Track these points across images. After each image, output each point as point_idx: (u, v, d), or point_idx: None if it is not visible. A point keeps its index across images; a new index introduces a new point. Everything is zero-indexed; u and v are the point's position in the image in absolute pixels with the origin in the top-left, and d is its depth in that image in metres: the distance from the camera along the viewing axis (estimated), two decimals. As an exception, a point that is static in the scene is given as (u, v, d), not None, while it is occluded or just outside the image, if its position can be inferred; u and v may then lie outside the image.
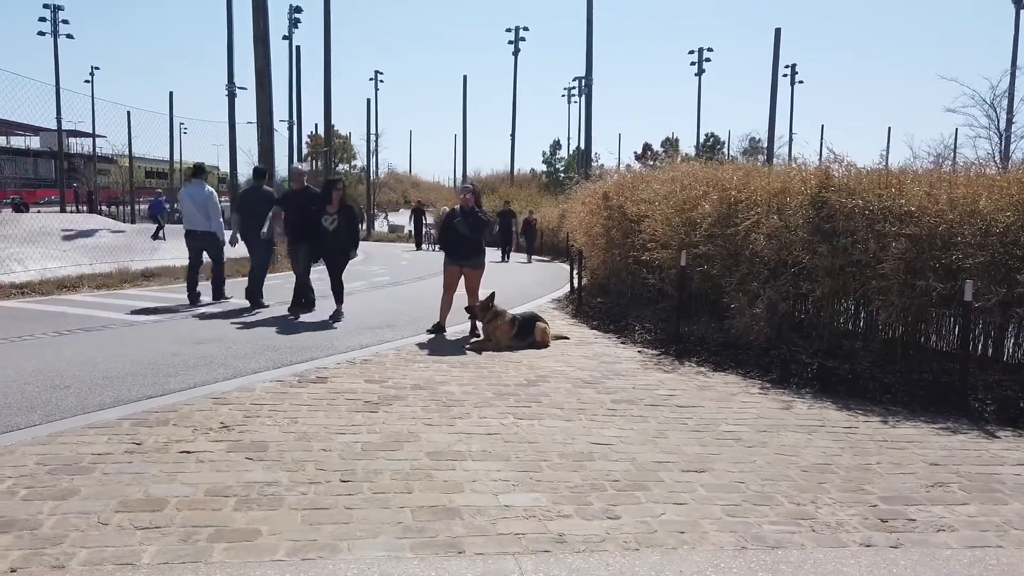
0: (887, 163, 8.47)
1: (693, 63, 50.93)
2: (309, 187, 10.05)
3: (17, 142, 56.62)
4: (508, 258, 23.77)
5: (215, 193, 11.12)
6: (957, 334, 6.61)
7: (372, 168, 53.37)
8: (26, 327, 8.39)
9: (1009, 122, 31.00)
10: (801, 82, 54.85)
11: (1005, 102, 31.15)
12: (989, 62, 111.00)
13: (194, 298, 10.79)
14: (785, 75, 49.19)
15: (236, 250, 11.48)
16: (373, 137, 51.08)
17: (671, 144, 57.50)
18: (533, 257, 24.97)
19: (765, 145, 39.91)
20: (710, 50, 50.73)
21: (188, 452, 4.19)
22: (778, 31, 31.60)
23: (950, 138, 44.20)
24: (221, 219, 11.05)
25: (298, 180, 10.06)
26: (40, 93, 26.95)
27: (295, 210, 9.64)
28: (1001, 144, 30.88)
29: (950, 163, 9.51)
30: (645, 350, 8.00)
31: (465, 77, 51.94)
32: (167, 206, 37.18)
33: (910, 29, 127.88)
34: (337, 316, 9.52)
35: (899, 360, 6.70)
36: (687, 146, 55.40)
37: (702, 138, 54.76)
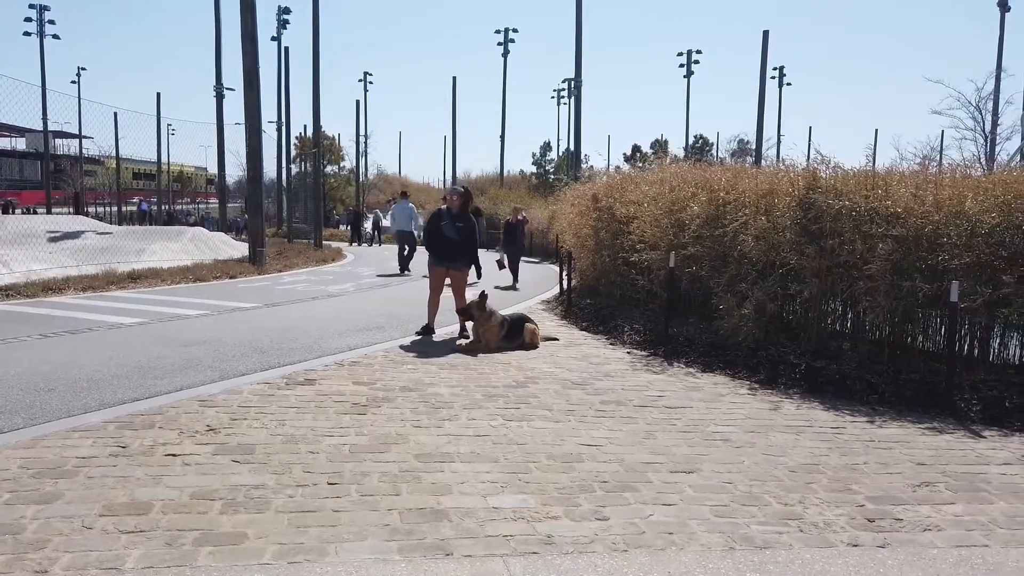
0: (874, 164, 8.51)
1: (682, 65, 51.16)
2: None
3: (2, 143, 56.19)
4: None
5: (415, 208, 19.07)
6: (943, 334, 6.66)
7: (361, 169, 53.27)
8: (10, 329, 8.31)
9: (994, 124, 31.32)
10: (789, 84, 55.36)
11: (991, 104, 31.49)
12: (975, 65, 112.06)
13: (404, 269, 17.66)
14: (773, 77, 49.55)
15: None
16: (362, 139, 51.00)
17: (660, 146, 57.62)
18: (520, 277, 15.65)
19: (753, 147, 40.10)
20: (699, 52, 50.99)
21: (174, 455, 4.16)
22: (766, 33, 31.75)
23: (936, 140, 44.60)
24: (419, 224, 18.29)
25: None
26: (26, 94, 26.76)
27: None
28: (987, 146, 31.19)
29: (936, 165, 9.58)
30: (634, 351, 8.01)
31: (454, 78, 51.76)
32: (147, 207, 37.53)
33: (897, 31, 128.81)
34: None
35: (886, 360, 6.73)
36: (676, 147, 55.54)
37: (691, 139, 55.05)
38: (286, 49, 36.62)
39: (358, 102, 46.93)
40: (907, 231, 6.51)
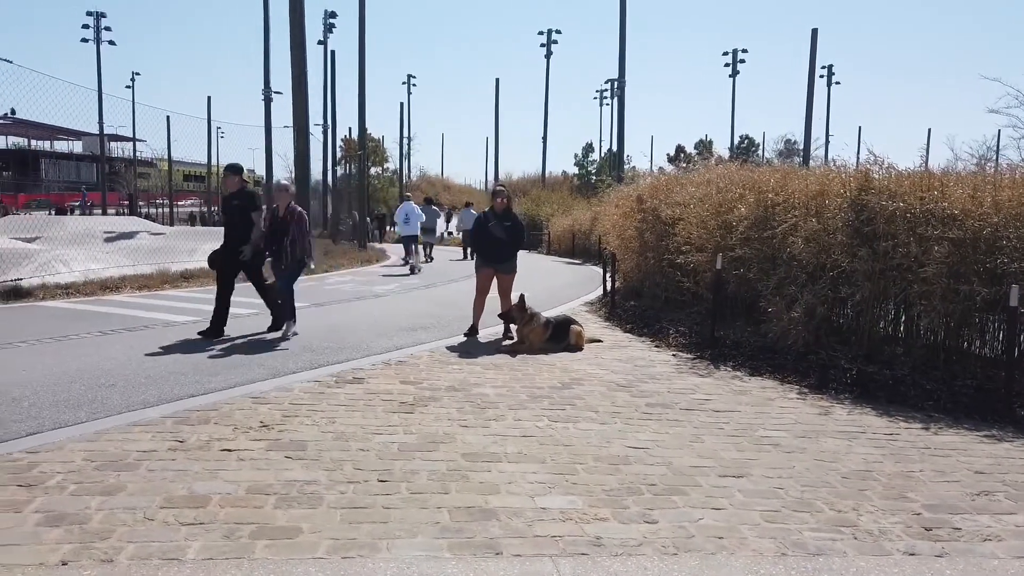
0: (927, 165, 8.30)
1: (727, 64, 50.56)
2: None
3: (60, 146, 58.13)
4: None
5: (475, 212, 21.85)
6: (1002, 340, 6.46)
7: (404, 171, 53.82)
8: (72, 327, 8.60)
9: (1055, 123, 30.20)
10: (838, 83, 54.12)
11: (1051, 102, 30.37)
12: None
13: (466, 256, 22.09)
14: (822, 76, 48.56)
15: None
16: (406, 140, 51.56)
17: (705, 146, 56.96)
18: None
19: (801, 147, 39.41)
20: (744, 51, 50.34)
21: (229, 450, 4.27)
22: (815, 32, 31.20)
23: (993, 139, 43.19)
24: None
25: None
26: (83, 98, 27.67)
27: None
28: (1047, 145, 30.08)
29: (993, 165, 9.31)
30: (680, 354, 7.95)
31: (497, 80, 51.95)
32: None
33: (951, 28, 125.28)
34: None
35: (942, 366, 6.56)
36: (721, 148, 54.88)
37: (736, 140, 54.31)
38: (332, 53, 37.15)
39: (402, 104, 47.53)
40: (964, 233, 6.34)
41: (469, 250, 20.81)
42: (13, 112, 27.21)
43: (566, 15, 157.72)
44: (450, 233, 37.19)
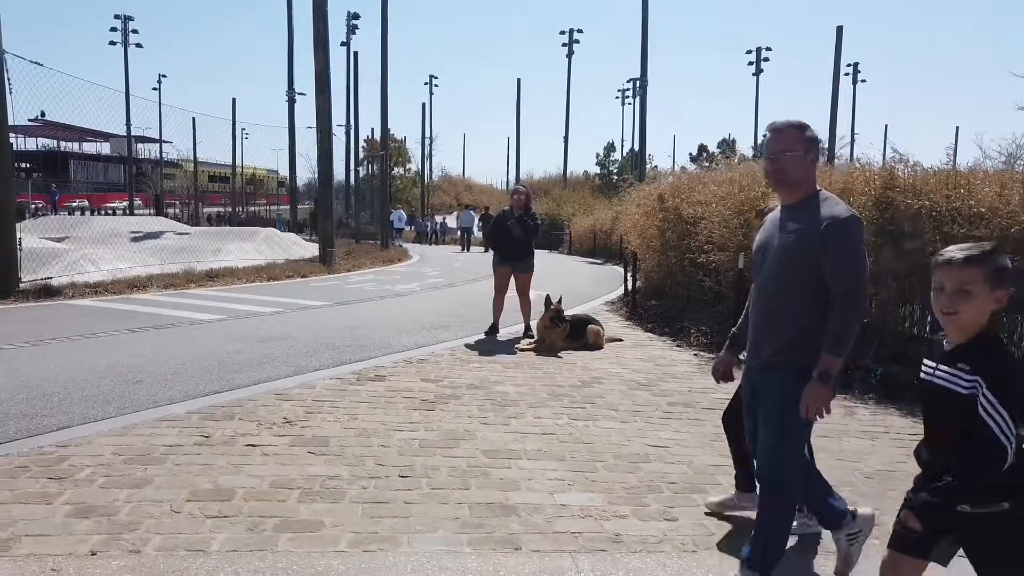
0: (955, 163, 8.19)
1: (751, 63, 50.13)
2: None
3: (89, 147, 59.15)
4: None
5: (474, 214, 31.59)
6: (1030, 340, 6.36)
7: (426, 171, 54.00)
8: (100, 324, 8.76)
9: (1087, 120, 29.66)
10: (864, 81, 53.41)
11: (1083, 99, 29.78)
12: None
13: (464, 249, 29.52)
14: (847, 74, 48.02)
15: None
16: (428, 141, 51.74)
17: (728, 145, 56.49)
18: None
19: (826, 145, 39.00)
20: (768, 49, 49.86)
21: (253, 445, 4.33)
22: (840, 29, 30.89)
23: (1022, 137, 42.36)
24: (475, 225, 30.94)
25: None
26: (111, 100, 28.24)
27: None
28: (1079, 143, 29.49)
29: (1023, 163, 9.14)
30: (701, 353, 7.92)
31: (519, 80, 52.19)
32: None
33: (980, 25, 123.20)
34: None
35: (968, 366, 6.47)
36: (744, 147, 54.36)
37: (760, 139, 53.76)
38: (355, 54, 37.53)
39: (424, 105, 47.71)
40: (991, 232, 6.25)
41: (484, 247, 22.95)
42: (43, 114, 27.77)
43: (588, 14, 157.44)
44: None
